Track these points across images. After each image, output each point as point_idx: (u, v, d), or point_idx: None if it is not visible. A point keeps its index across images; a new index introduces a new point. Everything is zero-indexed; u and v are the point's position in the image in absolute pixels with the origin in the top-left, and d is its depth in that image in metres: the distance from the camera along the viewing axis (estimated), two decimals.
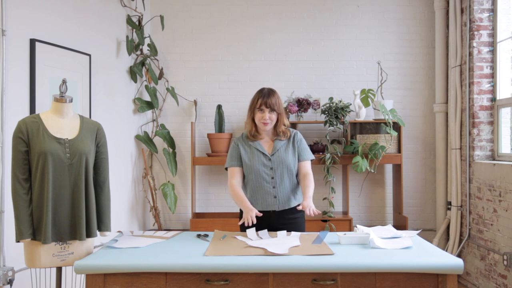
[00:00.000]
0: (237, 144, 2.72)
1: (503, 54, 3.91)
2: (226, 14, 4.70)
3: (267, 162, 2.64)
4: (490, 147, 3.98)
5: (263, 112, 2.61)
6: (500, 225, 3.56)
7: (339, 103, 4.22)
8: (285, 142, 2.69)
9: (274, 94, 2.65)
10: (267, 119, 2.60)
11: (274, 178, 2.63)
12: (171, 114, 4.71)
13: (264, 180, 2.63)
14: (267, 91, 2.66)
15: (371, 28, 4.67)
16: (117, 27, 4.13)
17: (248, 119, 2.70)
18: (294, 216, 2.68)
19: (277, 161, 2.63)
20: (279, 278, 2.03)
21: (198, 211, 4.68)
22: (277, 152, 2.65)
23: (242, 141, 2.73)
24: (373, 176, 4.65)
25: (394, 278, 2.03)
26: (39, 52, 3.04)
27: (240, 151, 2.69)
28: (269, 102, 2.60)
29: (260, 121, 2.62)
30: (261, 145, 2.68)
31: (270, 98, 2.61)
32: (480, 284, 3.91)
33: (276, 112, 2.63)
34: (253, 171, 2.64)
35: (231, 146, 2.75)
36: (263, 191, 2.64)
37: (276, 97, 2.65)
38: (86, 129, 2.29)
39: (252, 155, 2.66)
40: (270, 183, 2.63)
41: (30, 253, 2.19)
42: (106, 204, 2.36)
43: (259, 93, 2.67)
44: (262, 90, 2.68)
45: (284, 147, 2.67)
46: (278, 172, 2.63)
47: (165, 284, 2.04)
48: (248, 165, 2.65)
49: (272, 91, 2.67)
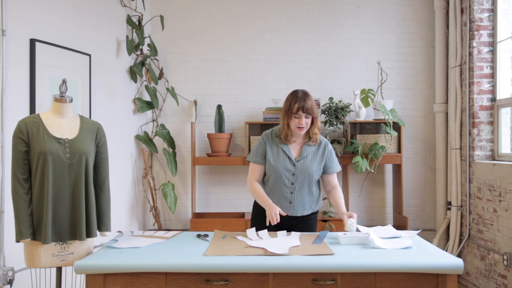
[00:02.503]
0: (264, 141, 2.65)
1: (503, 54, 3.90)
2: (226, 14, 4.70)
3: (290, 167, 2.58)
4: (490, 147, 3.98)
5: (299, 118, 2.52)
6: (500, 225, 3.56)
7: (339, 103, 4.22)
8: (313, 149, 2.62)
9: (310, 97, 2.56)
10: (303, 124, 2.52)
11: (294, 184, 2.59)
12: (171, 114, 4.71)
13: (284, 185, 2.60)
14: (302, 94, 2.55)
15: (371, 28, 4.67)
16: (117, 27, 4.13)
17: (283, 123, 2.59)
18: (306, 218, 2.67)
19: (301, 168, 2.58)
20: (279, 278, 2.03)
21: (198, 211, 4.68)
22: (303, 159, 2.59)
23: (271, 139, 2.64)
24: (373, 176, 4.65)
25: (394, 278, 2.03)
26: (39, 52, 3.04)
27: (267, 149, 2.63)
28: (306, 106, 2.51)
29: (296, 126, 2.54)
30: (289, 148, 2.61)
31: (306, 102, 2.52)
32: (480, 284, 3.91)
33: (312, 116, 2.55)
34: (275, 172, 2.60)
35: (258, 140, 2.68)
36: (280, 195, 2.62)
37: (312, 100, 2.56)
38: (86, 129, 2.29)
39: (278, 156, 2.60)
40: (289, 188, 2.60)
41: (30, 253, 2.19)
42: (106, 204, 2.35)
43: (294, 97, 2.55)
44: (297, 93, 2.57)
45: (311, 154, 2.61)
46: (299, 179, 2.59)
47: (165, 284, 2.04)
48: (272, 166, 2.60)
49: (307, 94, 2.57)
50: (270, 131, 2.69)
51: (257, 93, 4.66)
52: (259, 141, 2.68)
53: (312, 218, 2.71)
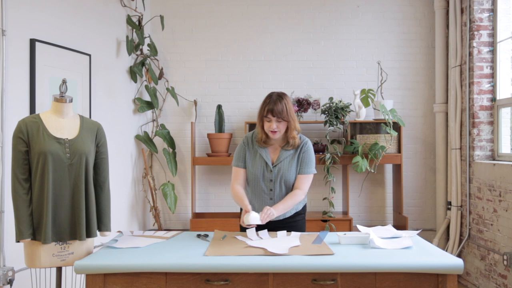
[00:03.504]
0: (245, 144, 2.61)
1: (503, 54, 3.90)
2: (226, 14, 4.70)
3: (267, 174, 2.55)
4: (490, 147, 3.98)
5: (270, 121, 2.46)
6: (500, 225, 3.56)
7: (339, 103, 4.23)
8: (291, 152, 2.56)
9: (282, 100, 2.46)
10: (274, 128, 2.45)
11: (272, 190, 2.56)
12: (171, 114, 4.71)
13: (263, 191, 2.58)
14: (275, 97, 2.47)
15: (371, 28, 4.67)
16: (117, 27, 4.13)
17: (258, 126, 2.54)
18: (293, 220, 2.65)
19: (278, 174, 2.54)
20: (279, 278, 2.03)
21: (198, 211, 4.68)
22: (280, 164, 2.54)
23: (251, 143, 2.60)
24: (373, 176, 4.65)
25: (394, 278, 2.03)
26: (39, 52, 3.04)
27: (246, 153, 2.59)
28: (276, 110, 2.43)
29: (268, 130, 2.48)
30: (267, 153, 2.56)
31: (276, 105, 2.43)
32: (480, 284, 3.91)
33: (285, 120, 2.47)
34: (254, 179, 2.58)
35: (240, 144, 2.64)
36: (261, 200, 2.60)
37: (284, 103, 2.46)
38: (86, 129, 2.29)
39: (255, 162, 2.56)
40: (268, 195, 2.58)
41: (30, 253, 2.19)
42: (106, 204, 2.36)
43: (266, 99, 2.50)
44: (271, 95, 2.50)
45: (288, 159, 2.55)
46: (277, 184, 2.55)
47: (165, 284, 2.04)
48: (250, 171, 2.58)
49: (280, 97, 2.48)
50: (251, 133, 2.63)
51: (257, 93, 4.66)
52: (240, 144, 2.63)
53: (299, 219, 2.67)
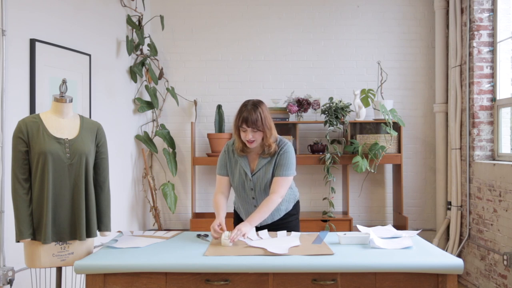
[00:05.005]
0: (226, 153, 2.56)
1: (503, 54, 3.90)
2: (226, 14, 4.70)
3: (248, 183, 2.52)
4: (490, 147, 3.98)
5: (245, 131, 2.39)
6: (500, 225, 3.56)
7: (339, 103, 4.22)
8: (268, 158, 2.49)
9: (257, 110, 2.37)
10: (250, 138, 2.39)
11: (255, 198, 2.55)
12: (171, 114, 4.71)
13: (246, 199, 2.58)
14: (250, 106, 2.39)
15: (371, 28, 4.67)
16: (117, 27, 4.13)
17: (235, 135, 2.48)
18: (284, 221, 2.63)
19: (256, 182, 2.51)
20: (279, 278, 2.03)
21: (198, 211, 4.67)
22: (258, 172, 2.50)
23: (231, 151, 2.55)
24: (373, 176, 4.65)
25: (394, 278, 2.03)
26: (39, 52, 3.04)
27: (227, 161, 2.56)
28: (251, 120, 2.35)
29: (244, 139, 2.42)
30: (246, 162, 2.51)
31: (251, 115, 2.35)
32: (480, 284, 3.91)
33: (260, 130, 2.39)
34: (236, 189, 2.58)
35: (221, 152, 2.59)
36: (246, 208, 2.61)
37: (259, 112, 2.37)
38: (86, 129, 2.29)
39: (235, 171, 2.54)
40: (251, 203, 2.58)
41: (30, 253, 2.19)
42: (106, 204, 2.36)
43: (242, 108, 2.42)
44: (246, 104, 2.41)
45: (265, 166, 2.49)
46: (259, 192, 2.53)
47: (165, 284, 2.04)
48: (231, 180, 2.57)
49: (255, 106, 2.39)
50: (231, 141, 2.57)
51: (257, 93, 4.66)
52: (222, 152, 2.59)
53: (292, 220, 2.65)
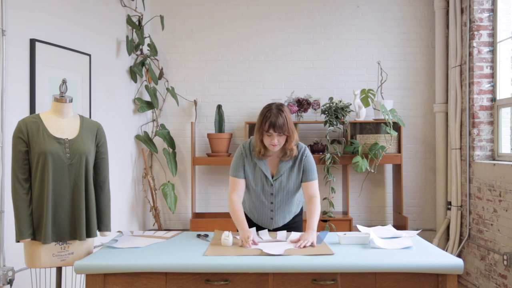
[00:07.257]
0: (244, 155, 2.51)
1: (503, 54, 3.90)
2: (226, 14, 4.70)
3: (268, 188, 2.49)
4: (490, 147, 3.98)
5: (271, 136, 2.37)
6: (500, 225, 3.56)
7: (339, 103, 4.23)
8: (290, 164, 2.49)
9: (283, 114, 2.36)
10: (276, 142, 2.37)
11: (273, 203, 2.53)
12: (171, 114, 4.71)
13: (263, 204, 2.55)
14: (275, 111, 2.37)
15: (371, 28, 4.67)
16: (117, 27, 4.13)
17: (256, 139, 2.44)
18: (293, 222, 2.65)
19: (279, 187, 2.49)
20: (279, 278, 2.03)
21: (198, 211, 4.67)
22: (280, 178, 2.48)
23: (249, 153, 2.50)
24: (373, 176, 4.65)
25: (394, 278, 2.03)
26: (39, 52, 3.04)
27: (245, 164, 2.50)
28: (278, 125, 2.34)
29: (269, 144, 2.39)
30: (266, 165, 2.48)
31: (278, 119, 2.34)
32: (480, 284, 3.91)
33: (286, 134, 2.38)
34: (254, 191, 2.53)
35: (237, 152, 2.53)
36: (260, 212, 2.59)
37: (285, 116, 2.37)
38: (86, 129, 2.29)
39: (255, 175, 2.49)
40: (268, 207, 2.55)
41: (30, 253, 2.19)
42: (106, 204, 2.36)
43: (266, 113, 2.38)
44: (270, 109, 2.38)
45: (288, 170, 2.49)
46: (279, 198, 2.51)
47: (165, 284, 2.04)
48: (251, 185, 2.51)
49: (280, 110, 2.37)
50: (248, 143, 2.54)
51: (257, 93, 4.66)
52: (238, 153, 2.53)
53: (298, 221, 2.68)
